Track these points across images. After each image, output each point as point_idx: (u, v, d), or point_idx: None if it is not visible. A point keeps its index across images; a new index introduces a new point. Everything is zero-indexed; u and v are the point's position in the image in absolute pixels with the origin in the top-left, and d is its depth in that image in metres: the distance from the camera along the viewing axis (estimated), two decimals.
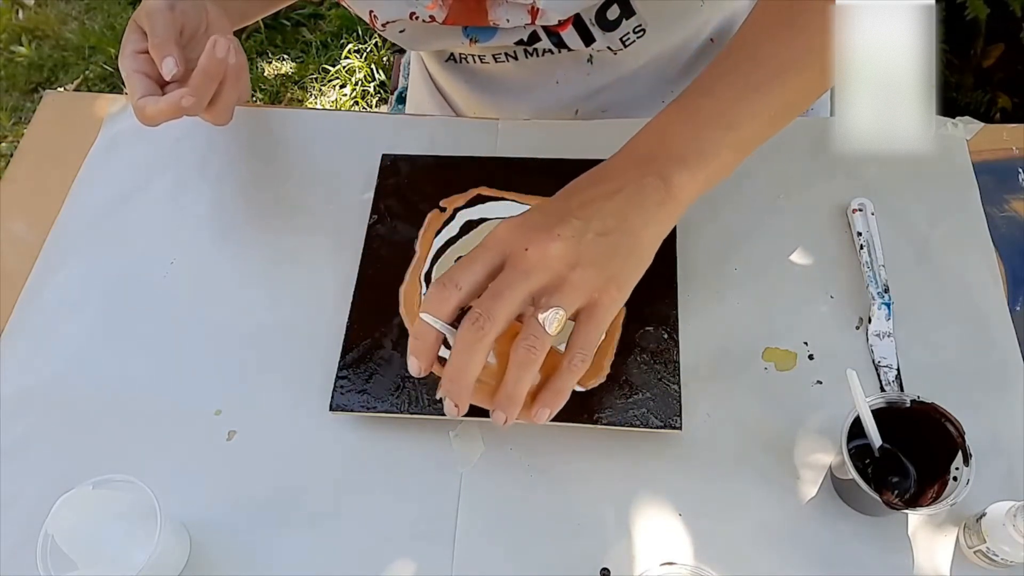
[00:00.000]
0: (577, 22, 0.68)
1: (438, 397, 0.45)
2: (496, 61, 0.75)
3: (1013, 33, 1.31)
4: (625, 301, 0.46)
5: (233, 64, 0.59)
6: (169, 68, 0.58)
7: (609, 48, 0.70)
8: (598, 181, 0.48)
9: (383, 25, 0.68)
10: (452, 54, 0.79)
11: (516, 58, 0.74)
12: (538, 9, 0.63)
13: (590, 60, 0.74)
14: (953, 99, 1.33)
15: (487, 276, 0.45)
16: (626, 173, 0.48)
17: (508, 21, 0.65)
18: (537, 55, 0.73)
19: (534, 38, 0.70)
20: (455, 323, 0.45)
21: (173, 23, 0.60)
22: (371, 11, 0.67)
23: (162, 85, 0.59)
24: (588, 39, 0.69)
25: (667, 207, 0.47)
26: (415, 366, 0.46)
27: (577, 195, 0.47)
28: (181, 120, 0.59)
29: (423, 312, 0.45)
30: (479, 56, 0.76)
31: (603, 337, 0.58)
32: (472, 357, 0.43)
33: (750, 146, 0.50)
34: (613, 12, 0.67)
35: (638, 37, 0.70)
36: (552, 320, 0.43)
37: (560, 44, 0.70)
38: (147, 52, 0.59)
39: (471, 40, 0.70)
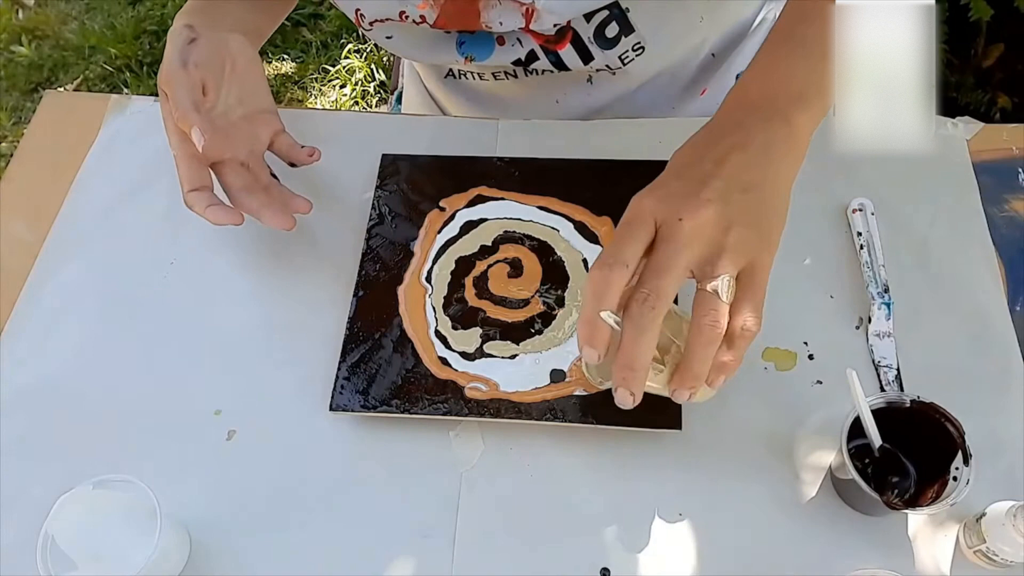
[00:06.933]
0: (575, 40, 0.66)
1: (613, 387, 0.43)
2: (495, 79, 0.74)
3: (1019, 32, 1.30)
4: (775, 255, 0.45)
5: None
6: (197, 139, 0.56)
7: (608, 67, 0.69)
8: (722, 135, 0.46)
9: (370, 24, 0.65)
10: (451, 70, 0.77)
11: (515, 76, 0.73)
12: (534, 10, 0.61)
13: (589, 80, 0.73)
14: (953, 99, 1.33)
15: (645, 251, 0.43)
16: (748, 121, 0.45)
17: (501, 24, 0.63)
18: (536, 74, 0.72)
19: (532, 57, 0.68)
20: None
21: (191, 83, 0.58)
22: (357, 9, 0.64)
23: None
24: (587, 57, 0.68)
25: (795, 150, 0.46)
26: (594, 355, 0.43)
27: (708, 153, 0.45)
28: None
29: (598, 307, 0.42)
30: (478, 73, 0.75)
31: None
32: (648, 339, 0.42)
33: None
34: (612, 30, 0.66)
35: (637, 55, 0.68)
36: (725, 288, 0.42)
37: (558, 63, 0.68)
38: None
39: (467, 58, 0.69)
